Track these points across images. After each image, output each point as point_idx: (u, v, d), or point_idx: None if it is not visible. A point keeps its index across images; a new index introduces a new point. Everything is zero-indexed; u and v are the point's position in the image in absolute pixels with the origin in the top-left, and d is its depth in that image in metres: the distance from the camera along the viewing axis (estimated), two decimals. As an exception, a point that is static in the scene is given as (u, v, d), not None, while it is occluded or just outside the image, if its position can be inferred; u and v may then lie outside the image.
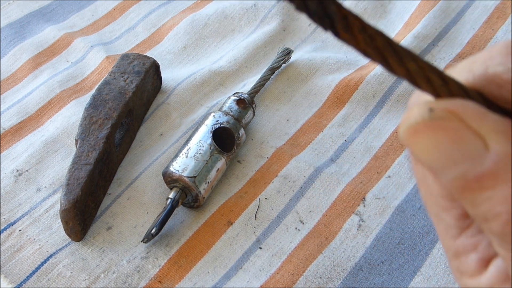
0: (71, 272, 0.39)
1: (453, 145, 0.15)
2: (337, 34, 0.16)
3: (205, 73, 0.54)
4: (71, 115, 0.50)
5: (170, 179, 0.41)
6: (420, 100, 0.17)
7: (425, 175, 0.18)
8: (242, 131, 0.45)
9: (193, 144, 0.42)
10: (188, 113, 0.51)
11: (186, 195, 0.41)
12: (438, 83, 0.16)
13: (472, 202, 0.15)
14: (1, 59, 0.57)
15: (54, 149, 0.47)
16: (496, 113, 0.16)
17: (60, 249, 0.40)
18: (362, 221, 0.41)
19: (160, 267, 0.39)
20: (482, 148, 0.15)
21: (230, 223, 0.42)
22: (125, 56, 0.50)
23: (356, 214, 0.41)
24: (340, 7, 0.16)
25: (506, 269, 0.16)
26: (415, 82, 0.16)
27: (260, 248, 0.40)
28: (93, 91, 0.51)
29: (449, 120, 0.15)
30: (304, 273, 0.38)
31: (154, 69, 0.50)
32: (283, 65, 0.53)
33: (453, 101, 0.16)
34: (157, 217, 0.40)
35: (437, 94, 0.16)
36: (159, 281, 0.38)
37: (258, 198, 0.43)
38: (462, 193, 0.15)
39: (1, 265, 0.39)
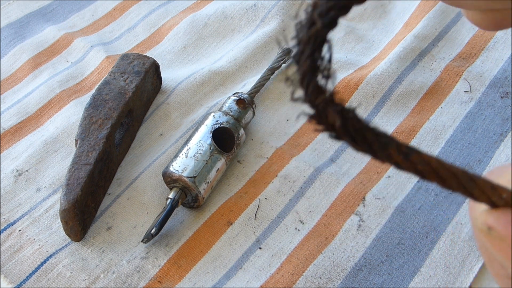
0: (71, 272, 0.39)
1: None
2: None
3: (205, 73, 0.54)
4: (71, 115, 0.50)
5: (170, 179, 0.41)
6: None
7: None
8: (242, 131, 0.45)
9: (193, 144, 0.42)
10: (188, 113, 0.51)
11: (186, 195, 0.41)
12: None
13: None
14: (1, 59, 0.57)
15: (54, 149, 0.47)
16: None
17: (60, 249, 0.40)
18: (362, 221, 0.41)
19: (160, 267, 0.39)
20: None
21: (230, 223, 0.42)
22: (125, 56, 0.50)
23: (356, 214, 0.41)
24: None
25: None
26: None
27: (260, 248, 0.40)
28: (93, 91, 0.51)
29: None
30: (304, 273, 0.38)
31: (154, 69, 0.50)
32: (283, 65, 0.53)
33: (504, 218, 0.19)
34: (157, 217, 0.40)
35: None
36: (159, 281, 0.38)
37: (258, 198, 0.43)
38: None
39: (1, 265, 0.39)
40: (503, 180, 0.20)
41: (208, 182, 0.41)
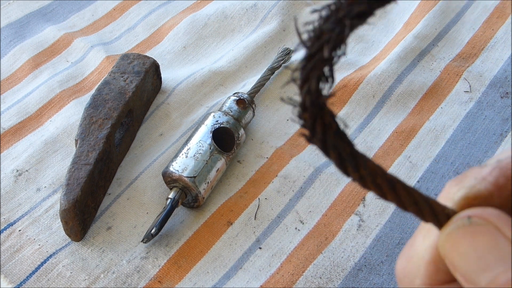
0: (71, 272, 0.39)
1: (489, 249, 0.17)
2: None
3: (205, 73, 0.54)
4: (71, 115, 0.50)
5: (170, 179, 0.41)
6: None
7: None
8: (242, 131, 0.45)
9: (193, 144, 0.42)
10: (188, 113, 0.51)
11: (186, 195, 0.41)
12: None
13: None
14: (1, 59, 0.57)
15: (54, 149, 0.47)
16: None
17: (60, 249, 0.40)
18: (362, 221, 0.41)
19: (160, 267, 0.39)
20: None
21: (230, 223, 0.42)
22: (125, 56, 0.50)
23: (356, 214, 0.41)
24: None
25: None
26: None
27: (260, 248, 0.40)
28: (93, 91, 0.51)
29: (486, 226, 0.17)
30: (304, 273, 0.38)
31: (154, 69, 0.50)
32: (283, 65, 0.53)
33: (488, 210, 0.18)
34: (157, 217, 0.40)
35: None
36: (159, 281, 0.38)
37: (258, 198, 0.43)
38: None
39: (1, 265, 0.39)
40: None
41: (208, 182, 0.41)
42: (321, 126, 0.17)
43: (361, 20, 0.16)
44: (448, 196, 0.20)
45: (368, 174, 0.18)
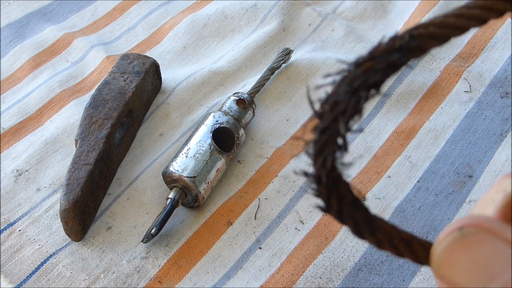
0: (71, 272, 0.39)
1: (491, 257, 0.15)
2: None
3: (205, 73, 0.54)
4: (71, 115, 0.50)
5: (170, 179, 0.42)
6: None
7: None
8: (242, 131, 0.45)
9: (193, 144, 0.42)
10: (188, 113, 0.51)
11: (186, 195, 0.41)
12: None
13: None
14: (1, 59, 0.57)
15: (54, 149, 0.47)
16: None
17: (60, 249, 0.40)
18: (362, 221, 0.41)
19: (160, 267, 0.39)
20: None
21: (230, 223, 0.42)
22: (125, 56, 0.50)
23: (356, 214, 0.41)
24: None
25: None
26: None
27: (260, 248, 0.40)
28: (93, 91, 0.51)
29: (480, 234, 0.16)
30: (304, 273, 0.38)
31: (154, 69, 0.50)
32: (283, 65, 0.53)
33: (477, 217, 0.16)
34: (157, 217, 0.40)
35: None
36: (159, 281, 0.38)
37: (258, 198, 0.43)
38: None
39: (1, 265, 0.39)
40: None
41: (208, 182, 0.41)
42: (336, 198, 0.17)
43: (377, 89, 0.15)
44: (500, 188, 0.18)
45: (384, 237, 0.18)
